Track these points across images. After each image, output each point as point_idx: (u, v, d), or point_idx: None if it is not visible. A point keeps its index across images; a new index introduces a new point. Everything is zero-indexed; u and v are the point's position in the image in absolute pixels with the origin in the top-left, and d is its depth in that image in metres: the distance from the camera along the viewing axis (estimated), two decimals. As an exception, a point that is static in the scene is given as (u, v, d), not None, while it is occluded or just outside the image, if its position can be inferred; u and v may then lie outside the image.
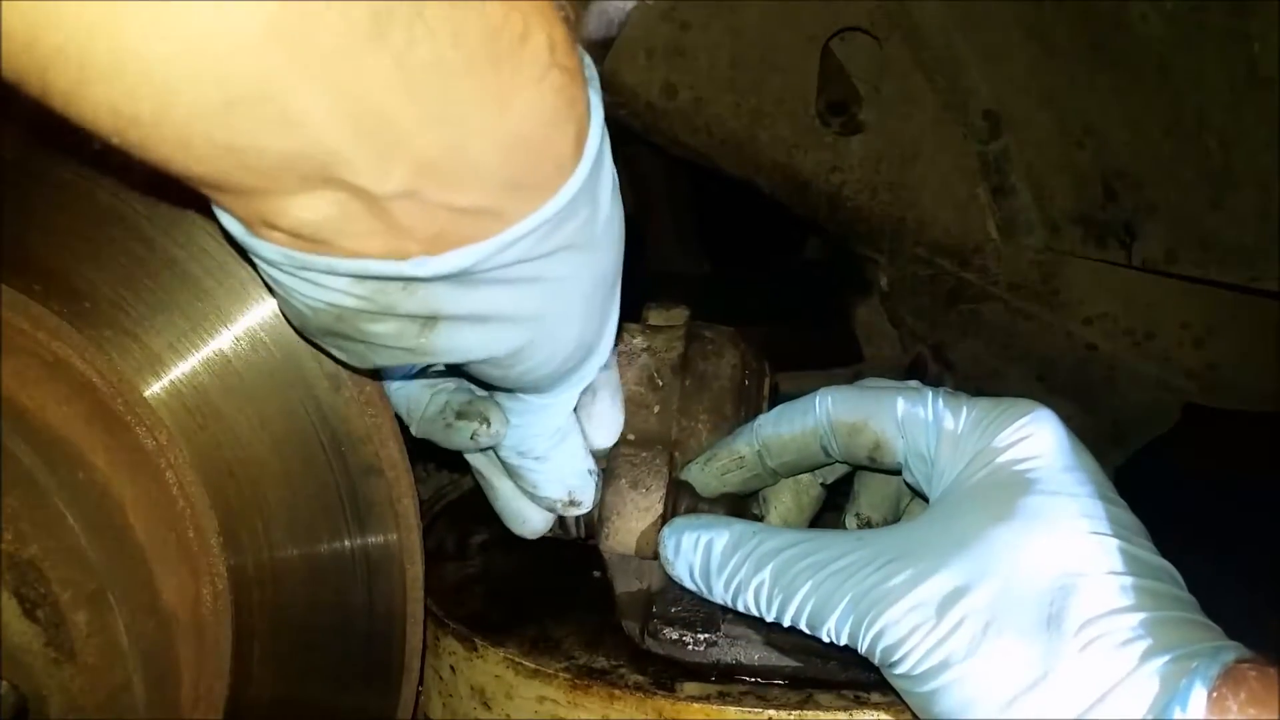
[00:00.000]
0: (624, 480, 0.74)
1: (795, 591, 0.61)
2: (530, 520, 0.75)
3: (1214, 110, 1.09)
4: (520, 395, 0.66)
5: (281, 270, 0.49)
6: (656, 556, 0.71)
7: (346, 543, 0.65)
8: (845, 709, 0.65)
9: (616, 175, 0.57)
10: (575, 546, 0.78)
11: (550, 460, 0.70)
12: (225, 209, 0.47)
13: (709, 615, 0.70)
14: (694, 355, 0.79)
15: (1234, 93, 1.06)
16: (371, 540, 0.66)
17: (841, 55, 1.39)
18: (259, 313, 0.62)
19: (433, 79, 0.41)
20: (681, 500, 0.73)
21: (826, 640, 0.61)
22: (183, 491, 0.62)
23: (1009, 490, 0.59)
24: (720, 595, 0.66)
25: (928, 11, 1.30)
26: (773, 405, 0.78)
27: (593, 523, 0.76)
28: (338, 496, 0.65)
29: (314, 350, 0.62)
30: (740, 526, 0.66)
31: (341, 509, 0.65)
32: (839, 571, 0.59)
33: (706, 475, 0.73)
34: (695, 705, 0.65)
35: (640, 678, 0.68)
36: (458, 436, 0.67)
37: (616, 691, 0.67)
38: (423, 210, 0.45)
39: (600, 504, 0.74)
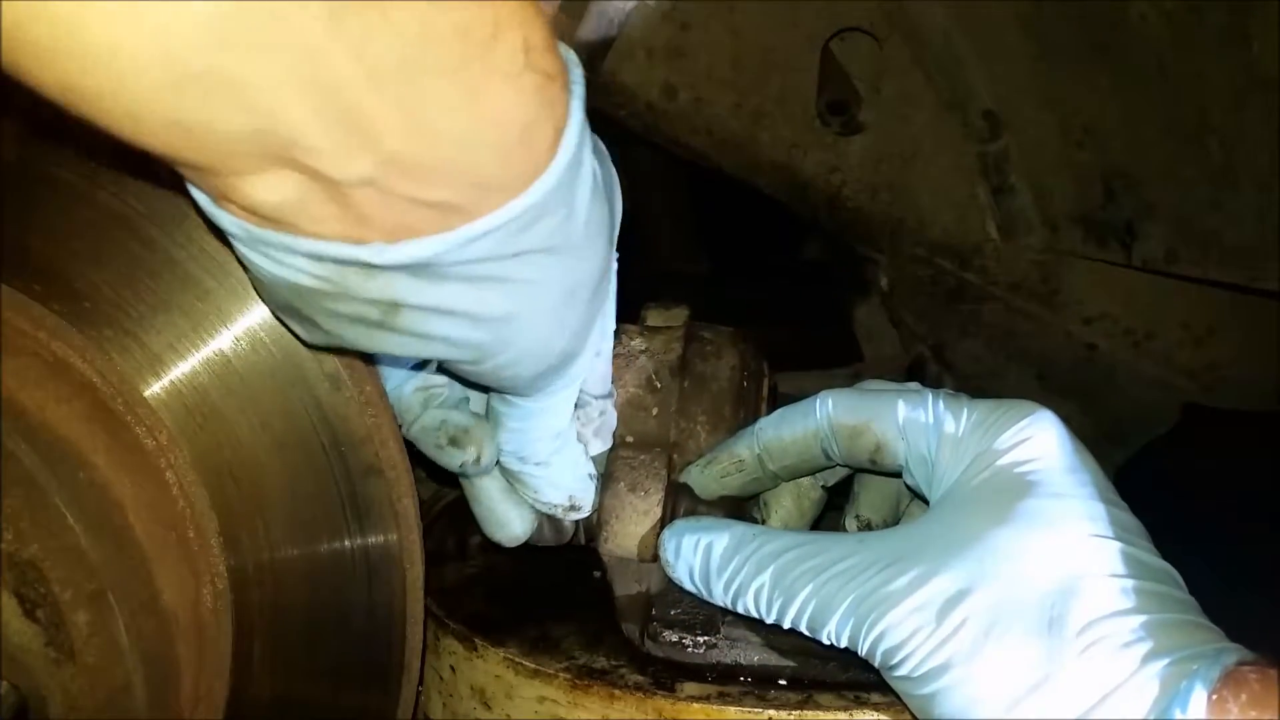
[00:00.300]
0: (623, 484, 0.73)
1: (796, 594, 0.61)
2: (511, 525, 0.73)
3: (1214, 110, 1.08)
4: (517, 401, 0.66)
5: (241, 243, 0.49)
6: (656, 559, 0.71)
7: (346, 543, 0.65)
8: (845, 709, 0.65)
9: (616, 179, 0.56)
10: (575, 547, 0.78)
11: (551, 465, 0.70)
12: (189, 181, 0.47)
13: (708, 618, 0.69)
14: (692, 357, 0.78)
15: (1234, 93, 1.05)
16: (371, 540, 0.66)
17: (841, 55, 1.38)
18: (259, 313, 0.62)
19: (394, 72, 0.41)
20: (680, 503, 0.73)
21: (827, 643, 0.61)
22: (183, 491, 0.62)
23: (1010, 492, 0.60)
24: (720, 598, 0.66)
25: (928, 11, 1.29)
26: (772, 406, 0.78)
27: (591, 526, 0.75)
28: (338, 496, 0.65)
29: (314, 351, 0.62)
30: (740, 529, 0.66)
31: (341, 509, 0.65)
32: (840, 574, 0.59)
33: (706, 478, 0.73)
34: (695, 705, 0.65)
35: (640, 678, 0.68)
36: (447, 459, 0.67)
37: (616, 691, 0.67)
38: (384, 199, 0.45)
39: (599, 507, 0.74)
